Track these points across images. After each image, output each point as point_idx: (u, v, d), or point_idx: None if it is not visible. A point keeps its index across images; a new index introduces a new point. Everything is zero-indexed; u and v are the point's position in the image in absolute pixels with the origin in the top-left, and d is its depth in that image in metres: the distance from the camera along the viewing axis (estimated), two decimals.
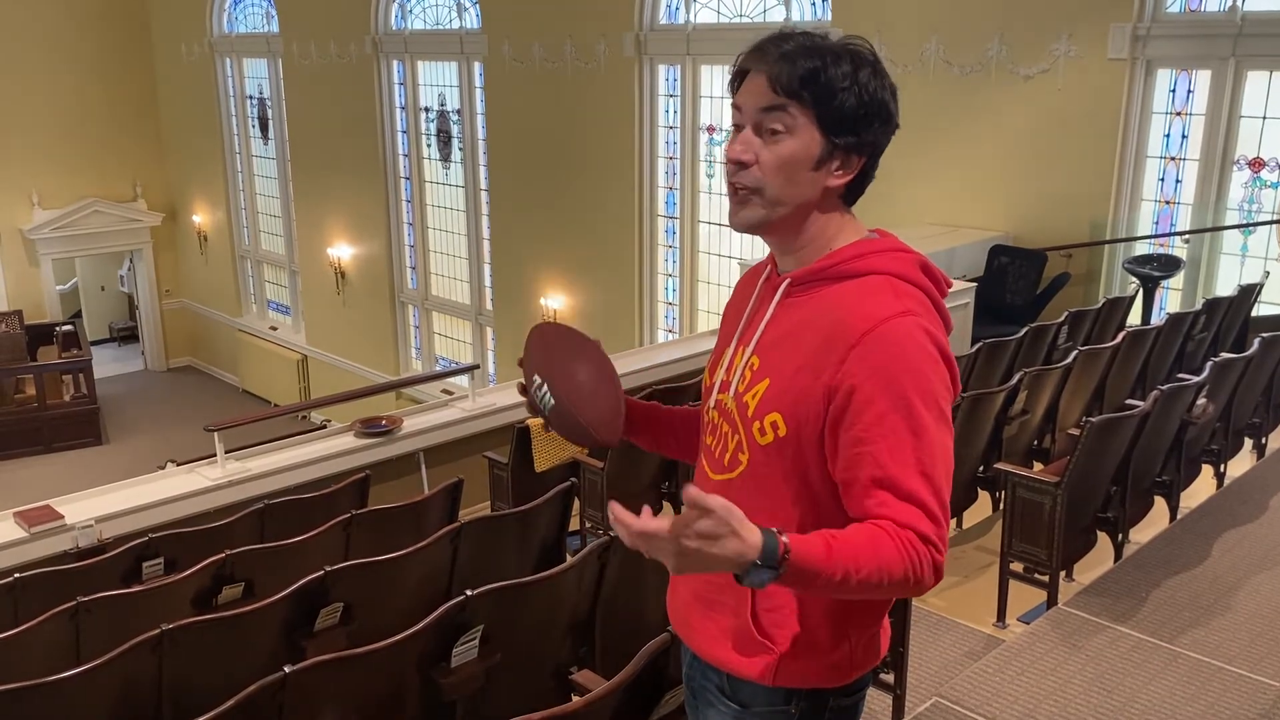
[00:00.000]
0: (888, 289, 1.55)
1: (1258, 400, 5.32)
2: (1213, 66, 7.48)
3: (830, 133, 1.55)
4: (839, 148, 1.56)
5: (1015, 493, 3.99)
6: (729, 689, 1.71)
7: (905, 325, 1.51)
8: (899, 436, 1.48)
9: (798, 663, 1.64)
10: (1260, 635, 3.62)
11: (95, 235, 17.00)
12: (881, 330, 1.50)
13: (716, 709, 1.74)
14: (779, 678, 1.65)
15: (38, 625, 3.52)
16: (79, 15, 16.44)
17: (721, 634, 1.69)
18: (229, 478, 5.81)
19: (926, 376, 1.50)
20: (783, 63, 1.53)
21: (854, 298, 1.55)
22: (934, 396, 1.50)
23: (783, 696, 1.67)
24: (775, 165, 1.56)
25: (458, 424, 6.70)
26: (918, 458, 1.48)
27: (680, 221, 11.01)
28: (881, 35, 8.60)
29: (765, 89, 1.55)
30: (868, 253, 1.60)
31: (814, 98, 1.53)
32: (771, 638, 1.64)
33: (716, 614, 1.70)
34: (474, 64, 12.60)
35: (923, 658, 3.70)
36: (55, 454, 14.29)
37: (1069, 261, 8.06)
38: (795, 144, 1.55)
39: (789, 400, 1.56)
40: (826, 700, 1.69)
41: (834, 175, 1.58)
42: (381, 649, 2.78)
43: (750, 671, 1.66)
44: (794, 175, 1.56)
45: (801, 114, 1.54)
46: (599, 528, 5.01)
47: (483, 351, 13.53)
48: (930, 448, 1.49)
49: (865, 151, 1.58)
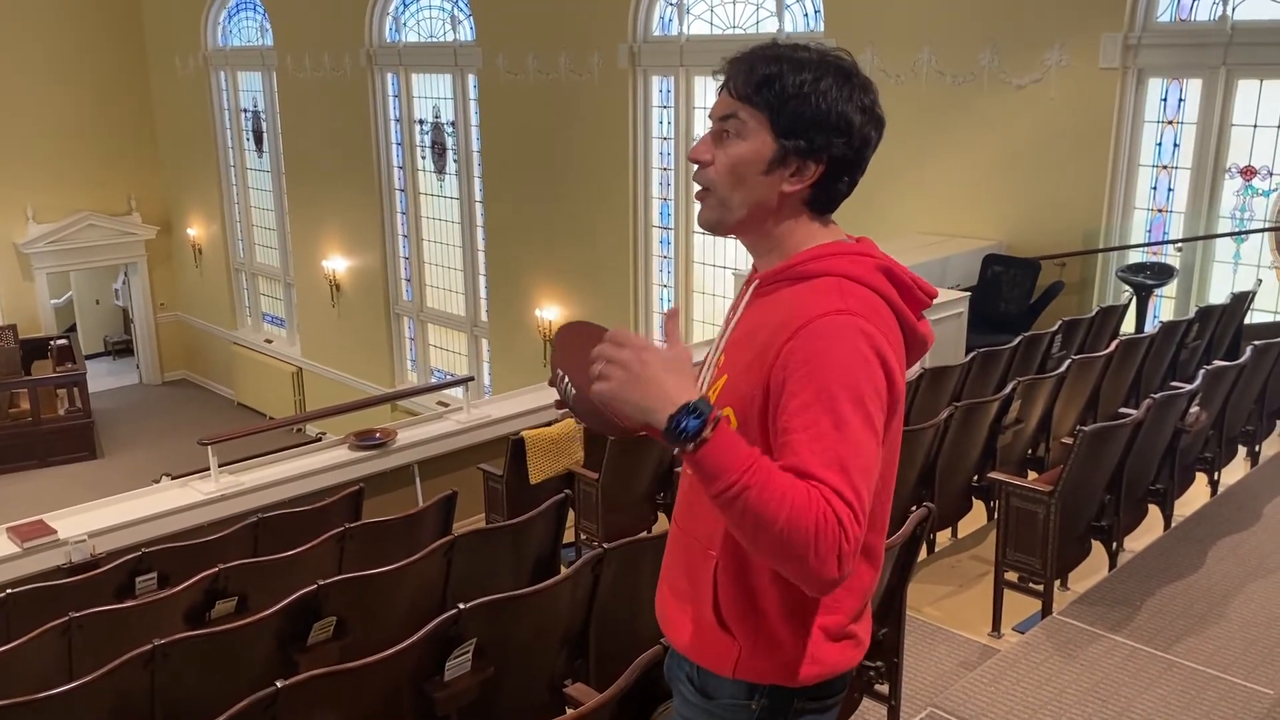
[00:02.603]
0: (834, 289, 1.57)
1: (1251, 408, 5.33)
2: (1203, 75, 7.52)
3: (781, 136, 1.58)
4: (790, 152, 1.58)
5: (1009, 502, 3.99)
6: (697, 679, 1.75)
7: (839, 321, 1.52)
8: (820, 428, 1.47)
9: (757, 658, 1.66)
10: (1254, 643, 3.62)
11: (90, 249, 16.97)
12: (815, 325, 1.52)
13: (687, 701, 1.78)
14: (739, 670, 1.67)
15: (30, 641, 3.50)
16: (74, 29, 16.45)
17: (690, 624, 1.73)
18: (223, 492, 5.80)
19: (853, 374, 1.50)
20: (740, 69, 1.60)
21: (802, 297, 1.58)
22: (860, 395, 1.49)
23: (745, 690, 1.69)
24: (725, 166, 1.61)
25: (452, 436, 6.70)
26: (837, 452, 1.46)
27: (674, 232, 11.03)
28: (874, 45, 8.64)
29: (725, 94, 1.62)
30: (824, 255, 1.62)
31: (765, 102, 1.57)
32: (732, 630, 1.67)
33: (686, 604, 1.74)
34: (468, 76, 12.62)
35: (917, 668, 3.69)
36: (49, 468, 14.23)
37: (1062, 270, 8.08)
38: (745, 146, 1.59)
39: (738, 396, 1.59)
40: (790, 702, 1.69)
41: (788, 181, 1.60)
42: (375, 663, 2.77)
43: (712, 662, 1.70)
44: (743, 177, 1.60)
45: (753, 118, 1.59)
46: (594, 540, 5.00)
47: (478, 363, 13.52)
48: (852, 444, 1.47)
49: (820, 159, 1.59)
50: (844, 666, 1.72)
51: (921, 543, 3.06)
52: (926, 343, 1.67)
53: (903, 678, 3.23)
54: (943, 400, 5.17)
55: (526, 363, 12.15)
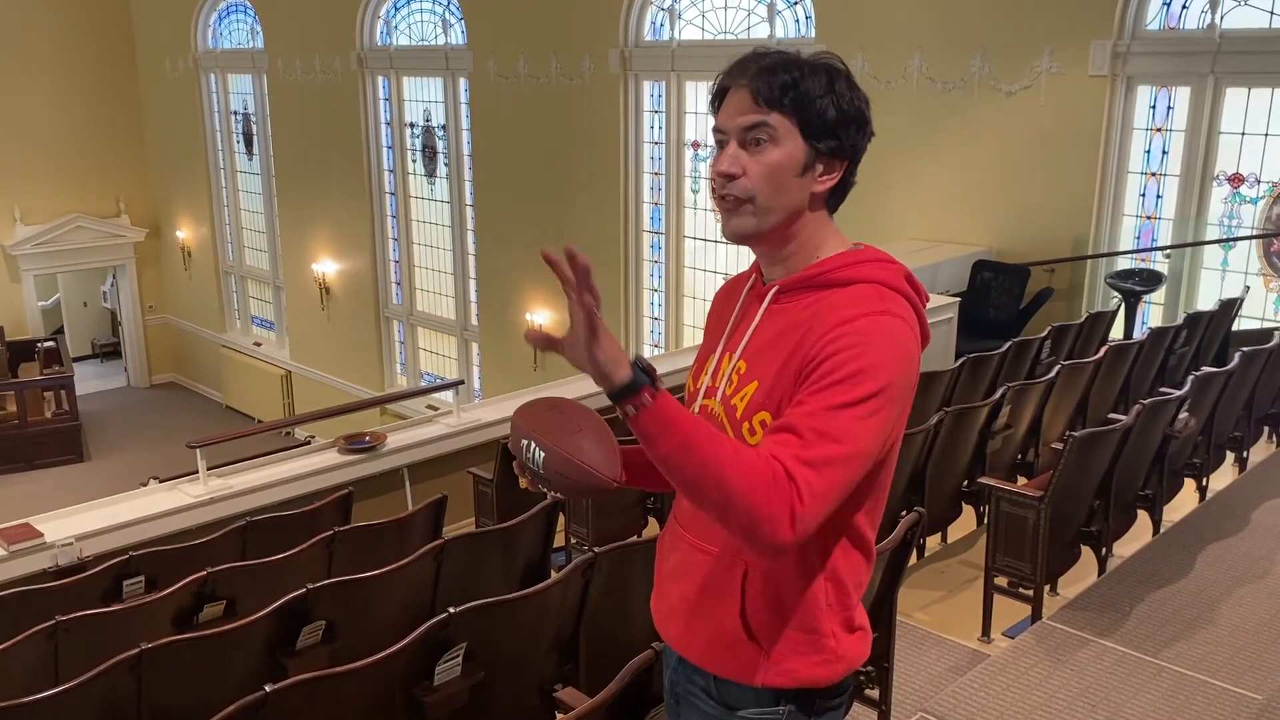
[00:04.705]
0: (875, 295, 1.60)
1: (1239, 414, 5.35)
2: (1192, 83, 7.56)
3: (812, 138, 1.61)
4: (822, 153, 1.62)
5: (999, 507, 3.99)
6: (715, 691, 1.73)
7: (885, 321, 1.56)
8: (828, 400, 1.50)
9: (785, 661, 1.67)
10: (1243, 648, 3.63)
11: (78, 251, 16.90)
12: (861, 321, 1.55)
13: (702, 712, 1.76)
14: (768, 677, 1.67)
15: (16, 645, 3.48)
16: (63, 30, 16.39)
17: (710, 636, 1.71)
18: (211, 495, 5.77)
19: (890, 368, 1.53)
20: (762, 76, 1.61)
21: (842, 302, 1.60)
22: (887, 389, 1.52)
23: (771, 697, 1.69)
24: (763, 174, 1.62)
25: (442, 440, 6.68)
26: (830, 426, 1.48)
27: (665, 237, 11.03)
28: (865, 51, 8.67)
29: (748, 102, 1.62)
30: (855, 262, 1.65)
31: (794, 106, 1.60)
32: (759, 638, 1.67)
33: (702, 616, 1.72)
34: (459, 80, 12.62)
35: (907, 672, 3.70)
36: (36, 471, 14.17)
37: (1052, 276, 8.11)
38: (780, 152, 1.61)
39: (775, 398, 1.60)
40: (813, 702, 1.71)
41: (819, 180, 1.64)
42: (364, 667, 2.76)
43: (736, 672, 1.69)
44: (782, 182, 1.62)
45: (783, 123, 1.61)
46: (584, 544, 5.00)
47: (468, 367, 13.51)
48: (851, 424, 1.49)
49: (847, 155, 1.65)
50: (862, 658, 1.74)
51: (912, 547, 3.07)
52: (928, 340, 1.71)
53: (893, 683, 3.23)
54: (933, 405, 5.18)
55: (517, 367, 12.14)
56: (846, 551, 1.68)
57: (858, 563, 1.70)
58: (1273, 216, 7.46)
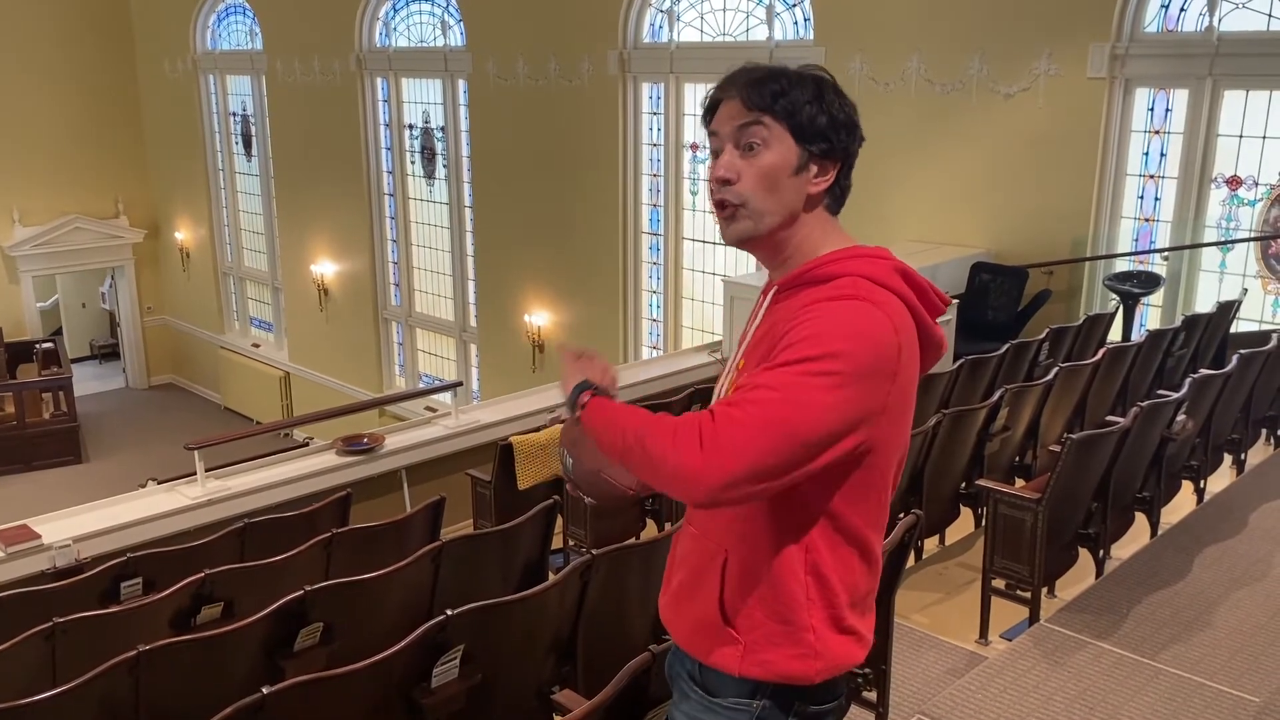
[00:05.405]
0: (850, 286, 1.62)
1: (1237, 416, 5.35)
2: (1190, 85, 7.56)
3: (804, 141, 1.66)
4: (814, 155, 1.68)
5: (997, 509, 4.00)
6: (699, 676, 1.77)
7: (851, 303, 1.58)
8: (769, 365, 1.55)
9: (761, 651, 1.68)
10: (1240, 651, 3.64)
11: (76, 252, 16.90)
12: (823, 304, 1.59)
13: (688, 698, 1.80)
14: (744, 666, 1.69)
15: (13, 647, 3.48)
16: (62, 31, 16.39)
17: (694, 621, 1.76)
18: (209, 496, 5.77)
19: (841, 339, 1.54)
20: (752, 86, 1.67)
21: (819, 293, 1.63)
22: (834, 354, 1.53)
23: (748, 689, 1.71)
24: (757, 177, 1.67)
25: (440, 441, 6.69)
26: (765, 376, 1.53)
27: (664, 238, 11.03)
28: (863, 53, 8.67)
29: (739, 108, 1.68)
30: (842, 258, 1.68)
31: (785, 112, 1.66)
32: (736, 626, 1.70)
33: (691, 601, 1.76)
34: (458, 81, 12.62)
35: (905, 675, 3.70)
36: (35, 472, 14.16)
37: (1050, 278, 8.11)
38: (773, 155, 1.67)
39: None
40: (792, 703, 1.71)
41: (813, 181, 1.69)
42: (362, 669, 2.76)
43: (716, 659, 1.72)
44: (775, 184, 1.67)
45: (775, 126, 1.66)
46: (582, 546, 5.00)
47: (467, 369, 13.50)
48: (789, 377, 1.52)
49: (839, 157, 1.70)
50: (849, 661, 1.73)
51: (909, 549, 3.07)
52: (942, 346, 1.74)
53: (890, 685, 3.23)
54: (931, 407, 5.18)
55: (515, 368, 12.14)
56: (835, 548, 1.67)
57: (849, 562, 1.69)
58: (1270, 219, 7.47)
